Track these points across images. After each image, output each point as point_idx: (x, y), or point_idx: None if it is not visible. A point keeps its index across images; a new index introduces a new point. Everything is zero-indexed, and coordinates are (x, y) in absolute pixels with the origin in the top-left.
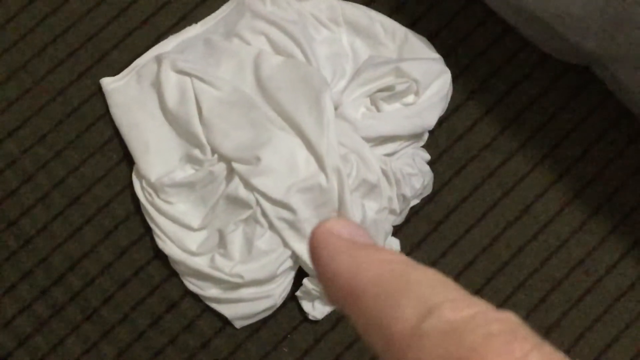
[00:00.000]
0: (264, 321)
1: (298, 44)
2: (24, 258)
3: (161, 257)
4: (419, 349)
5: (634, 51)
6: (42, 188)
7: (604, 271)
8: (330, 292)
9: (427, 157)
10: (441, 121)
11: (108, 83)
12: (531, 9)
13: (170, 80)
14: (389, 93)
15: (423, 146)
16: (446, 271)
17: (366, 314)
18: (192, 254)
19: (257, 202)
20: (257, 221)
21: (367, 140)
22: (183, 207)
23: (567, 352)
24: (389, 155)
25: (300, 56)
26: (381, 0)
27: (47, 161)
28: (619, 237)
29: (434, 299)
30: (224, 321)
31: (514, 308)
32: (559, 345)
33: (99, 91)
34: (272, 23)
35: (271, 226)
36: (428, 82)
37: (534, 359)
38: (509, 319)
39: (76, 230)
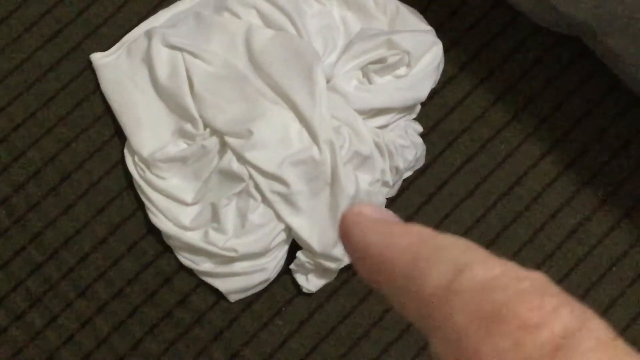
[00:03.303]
0: (258, 295)
1: (289, 17)
2: (17, 235)
3: (154, 232)
4: (451, 306)
5: (624, 20)
6: (33, 165)
7: (596, 240)
8: (362, 266)
9: (420, 129)
10: (433, 93)
11: (98, 58)
12: None
13: (161, 55)
14: (381, 65)
15: (415, 118)
16: None
17: (399, 280)
18: (186, 228)
19: (250, 176)
20: (250, 195)
21: (360, 112)
22: (176, 182)
23: None
24: (381, 127)
25: (291, 29)
26: None
27: (38, 138)
28: (611, 207)
29: (464, 260)
30: (218, 295)
31: None
32: None
33: (90, 67)
34: None
35: (264, 200)
36: (420, 54)
37: (564, 313)
38: (538, 276)
39: (69, 207)
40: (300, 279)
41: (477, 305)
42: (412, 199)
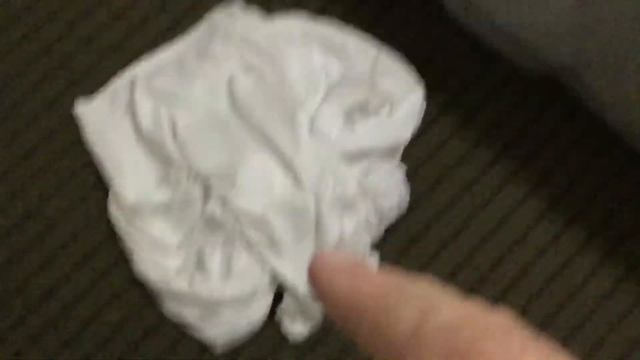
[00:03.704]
0: (245, 343)
1: (271, 63)
2: None
3: (139, 281)
4: (419, 348)
5: (603, 58)
6: (15, 216)
7: (583, 279)
8: (332, 311)
9: (403, 172)
10: (415, 136)
11: (81, 107)
12: (501, 22)
13: (144, 103)
14: (363, 109)
15: (398, 161)
16: None
17: (368, 324)
18: (170, 277)
19: (235, 222)
20: (235, 241)
21: (343, 156)
22: (160, 229)
23: None
24: (364, 171)
25: (273, 74)
26: (353, 18)
27: (20, 189)
28: (595, 246)
29: (431, 302)
30: (204, 346)
31: None
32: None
33: (72, 116)
34: (244, 42)
35: (249, 245)
36: (401, 97)
37: (532, 351)
38: (505, 315)
39: (51, 258)
40: (287, 324)
41: (446, 345)
42: (397, 242)
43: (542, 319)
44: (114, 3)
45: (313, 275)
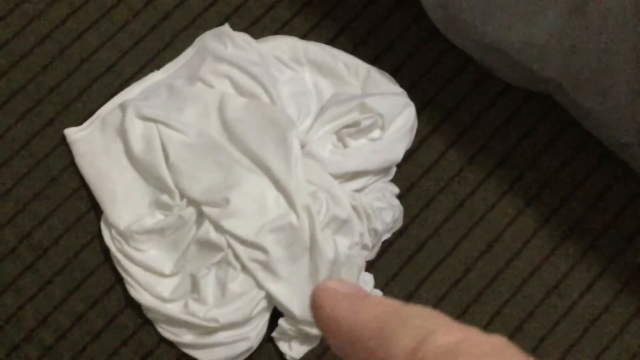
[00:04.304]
0: None
1: (261, 85)
2: None
3: (134, 306)
4: None
5: (593, 76)
6: (9, 243)
7: (578, 295)
8: (333, 339)
9: (396, 190)
10: (408, 154)
11: (72, 133)
12: (491, 41)
13: (135, 127)
14: (355, 129)
15: (391, 180)
16: (421, 304)
17: (366, 351)
18: (165, 300)
19: (229, 245)
20: (229, 264)
21: (336, 176)
22: (154, 254)
23: None
24: (358, 190)
25: (264, 97)
26: (342, 38)
27: (14, 215)
28: (590, 261)
29: (427, 328)
30: None
31: None
32: None
33: (64, 142)
34: (235, 65)
35: (244, 268)
36: (393, 116)
37: None
38: (499, 340)
39: (46, 284)
40: (283, 346)
41: None
42: (391, 261)
43: (541, 336)
44: (103, 27)
45: (315, 305)
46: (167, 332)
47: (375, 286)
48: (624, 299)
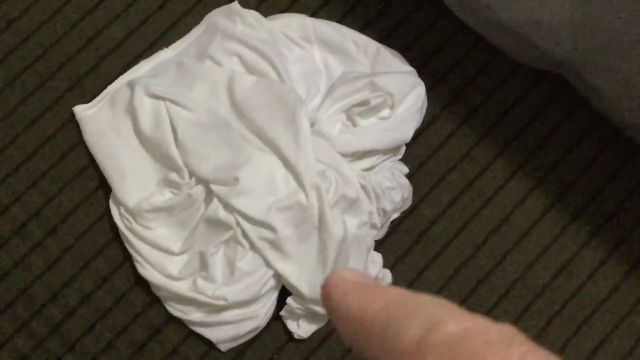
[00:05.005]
0: (249, 343)
1: (271, 63)
2: (3, 291)
3: (142, 284)
4: (425, 359)
5: (603, 55)
6: (18, 220)
7: (587, 276)
8: (343, 327)
9: (405, 170)
10: (417, 134)
11: (81, 110)
12: (502, 19)
13: (144, 105)
14: (364, 108)
15: (401, 159)
16: (430, 283)
17: (376, 338)
18: (174, 278)
19: (237, 223)
20: (238, 242)
21: (345, 155)
22: (162, 232)
23: None
24: (367, 169)
25: (273, 75)
26: (352, 16)
27: (22, 192)
28: (599, 242)
29: (436, 316)
30: (209, 345)
31: (500, 317)
32: None
33: (73, 119)
34: (244, 43)
35: (252, 246)
36: (403, 95)
37: None
38: (506, 328)
39: (55, 261)
40: (291, 325)
41: (450, 357)
42: (400, 241)
43: (548, 317)
44: (113, 4)
45: (327, 293)
46: (175, 310)
47: (384, 265)
48: (632, 280)
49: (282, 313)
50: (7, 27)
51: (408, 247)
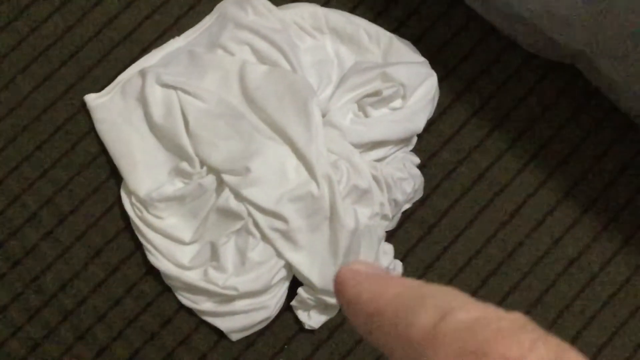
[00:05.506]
0: (260, 333)
1: (282, 53)
2: (14, 280)
3: (153, 273)
4: (435, 347)
5: (617, 46)
6: (29, 208)
7: (598, 268)
8: (355, 317)
9: (417, 160)
10: (429, 124)
11: (92, 99)
12: (515, 9)
13: (156, 94)
14: (376, 98)
15: (412, 150)
16: (441, 274)
17: (388, 327)
18: (185, 268)
19: (249, 213)
20: (249, 232)
21: (356, 146)
22: (173, 221)
23: None
24: (378, 160)
25: (285, 65)
26: (364, 5)
27: (34, 181)
28: (612, 234)
29: (447, 305)
30: (220, 335)
31: (511, 309)
32: None
33: (84, 108)
34: (256, 32)
35: (263, 237)
36: (415, 86)
37: (541, 348)
38: (516, 316)
39: (66, 250)
40: (302, 315)
41: (461, 345)
42: (411, 231)
43: (560, 309)
44: None
45: (339, 284)
46: (186, 299)
47: (395, 256)
48: None
49: (293, 303)
50: (20, 14)
51: (419, 238)
